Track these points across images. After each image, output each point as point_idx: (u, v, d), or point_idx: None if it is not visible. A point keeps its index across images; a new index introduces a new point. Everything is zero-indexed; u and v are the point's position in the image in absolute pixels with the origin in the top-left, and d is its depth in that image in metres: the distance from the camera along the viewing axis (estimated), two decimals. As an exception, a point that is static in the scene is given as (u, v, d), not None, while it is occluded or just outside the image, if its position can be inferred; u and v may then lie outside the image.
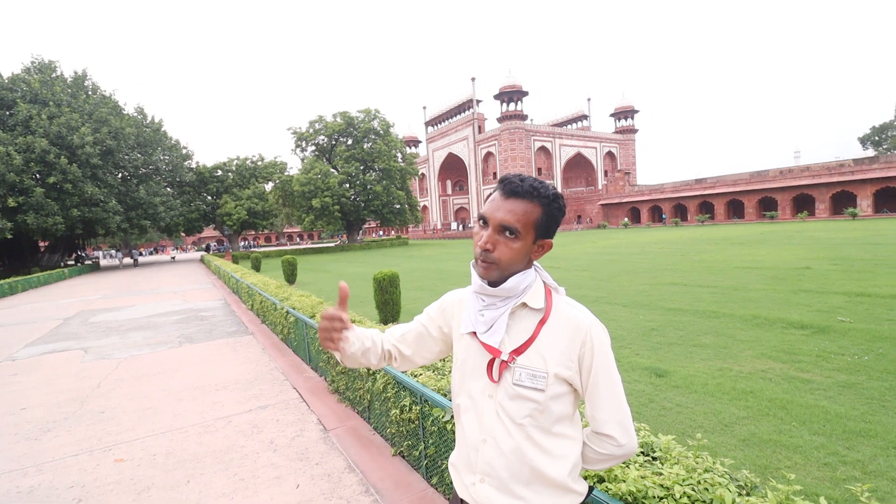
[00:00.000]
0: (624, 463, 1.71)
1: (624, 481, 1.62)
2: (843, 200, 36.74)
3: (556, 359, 1.02)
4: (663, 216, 47.95)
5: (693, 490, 1.54)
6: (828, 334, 5.58)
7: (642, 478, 1.62)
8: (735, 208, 44.80)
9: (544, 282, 1.10)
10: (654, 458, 1.80)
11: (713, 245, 19.37)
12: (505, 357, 1.03)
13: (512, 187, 1.01)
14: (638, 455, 1.80)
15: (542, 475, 1.02)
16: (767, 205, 41.84)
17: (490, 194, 1.08)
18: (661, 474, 1.65)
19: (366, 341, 1.20)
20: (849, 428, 3.31)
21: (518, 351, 1.04)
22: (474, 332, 1.09)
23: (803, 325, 6.01)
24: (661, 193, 49.84)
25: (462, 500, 1.12)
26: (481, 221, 1.04)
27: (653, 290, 9.46)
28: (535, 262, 1.10)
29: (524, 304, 1.06)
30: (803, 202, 39.32)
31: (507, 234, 1.00)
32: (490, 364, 1.06)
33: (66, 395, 5.06)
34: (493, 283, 1.05)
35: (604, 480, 1.66)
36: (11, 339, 8.79)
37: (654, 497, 1.54)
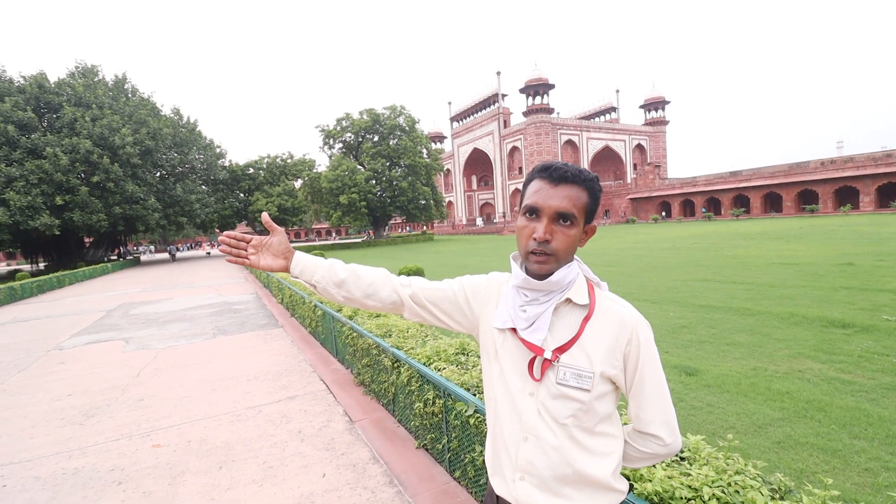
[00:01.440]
0: (651, 462, 1.68)
1: (650, 481, 1.58)
2: (890, 193, 34.65)
3: (602, 357, 0.99)
4: (704, 209, 46.23)
5: (723, 492, 1.49)
6: (872, 333, 5.30)
7: (669, 478, 1.58)
8: (772, 202, 42.96)
9: (586, 277, 1.06)
10: (683, 459, 1.75)
11: (748, 240, 18.66)
12: (548, 355, 1.00)
13: (561, 173, 0.98)
14: (665, 454, 1.76)
15: (586, 475, 1.00)
16: (807, 198, 39.94)
17: (526, 186, 1.04)
18: (689, 475, 1.60)
19: (339, 272, 1.16)
20: (892, 432, 3.14)
21: (562, 349, 1.00)
22: (513, 329, 1.05)
23: (845, 323, 5.73)
24: (693, 187, 48.28)
25: (498, 497, 1.10)
26: (529, 213, 1.00)
27: (684, 287, 9.20)
28: (576, 257, 1.07)
29: (568, 300, 1.02)
30: (846, 195, 37.33)
31: (563, 221, 0.98)
32: (531, 362, 1.02)
33: (109, 383, 5.33)
34: (542, 277, 1.01)
35: (629, 479, 1.64)
36: (59, 329, 9.30)
37: (682, 498, 1.50)
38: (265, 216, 1.17)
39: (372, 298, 1.18)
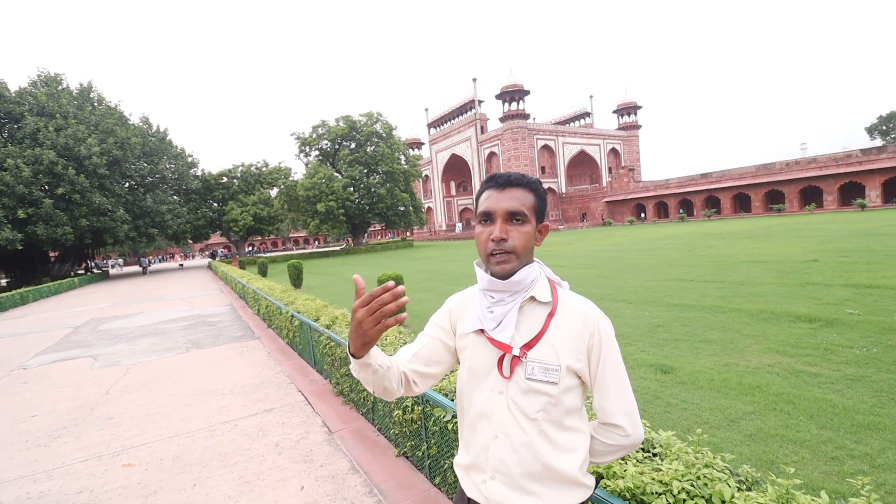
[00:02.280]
0: (623, 459, 1.71)
1: (622, 477, 1.61)
2: (851, 192, 36.28)
3: (567, 351, 1.03)
4: (680, 211, 47.32)
5: (692, 485, 1.53)
6: (836, 327, 5.52)
7: (640, 474, 1.61)
8: (742, 202, 44.41)
9: (548, 277, 1.12)
10: (654, 455, 1.79)
11: (720, 240, 19.22)
12: (516, 352, 1.04)
13: (504, 179, 1.07)
14: (637, 451, 1.79)
15: (555, 470, 1.03)
16: (774, 198, 41.42)
17: (477, 199, 1.12)
18: (660, 470, 1.64)
19: (384, 359, 1.09)
20: (857, 421, 3.27)
21: (529, 345, 1.04)
22: (481, 330, 1.09)
23: (811, 318, 5.94)
24: (666, 189, 49.51)
25: (469, 500, 1.11)
26: (483, 219, 1.07)
27: (658, 287, 9.41)
28: (536, 259, 1.12)
29: (532, 298, 1.07)
30: (811, 194, 38.88)
31: (516, 220, 1.04)
32: (500, 361, 1.06)
33: (76, 402, 5.12)
34: (505, 277, 1.05)
35: (602, 477, 1.66)
36: (22, 348, 8.91)
37: (653, 493, 1.53)
38: (358, 280, 0.94)
39: (403, 387, 1.16)
